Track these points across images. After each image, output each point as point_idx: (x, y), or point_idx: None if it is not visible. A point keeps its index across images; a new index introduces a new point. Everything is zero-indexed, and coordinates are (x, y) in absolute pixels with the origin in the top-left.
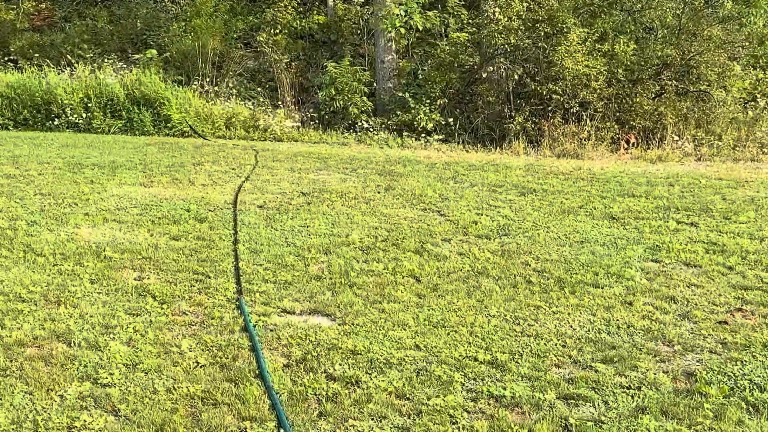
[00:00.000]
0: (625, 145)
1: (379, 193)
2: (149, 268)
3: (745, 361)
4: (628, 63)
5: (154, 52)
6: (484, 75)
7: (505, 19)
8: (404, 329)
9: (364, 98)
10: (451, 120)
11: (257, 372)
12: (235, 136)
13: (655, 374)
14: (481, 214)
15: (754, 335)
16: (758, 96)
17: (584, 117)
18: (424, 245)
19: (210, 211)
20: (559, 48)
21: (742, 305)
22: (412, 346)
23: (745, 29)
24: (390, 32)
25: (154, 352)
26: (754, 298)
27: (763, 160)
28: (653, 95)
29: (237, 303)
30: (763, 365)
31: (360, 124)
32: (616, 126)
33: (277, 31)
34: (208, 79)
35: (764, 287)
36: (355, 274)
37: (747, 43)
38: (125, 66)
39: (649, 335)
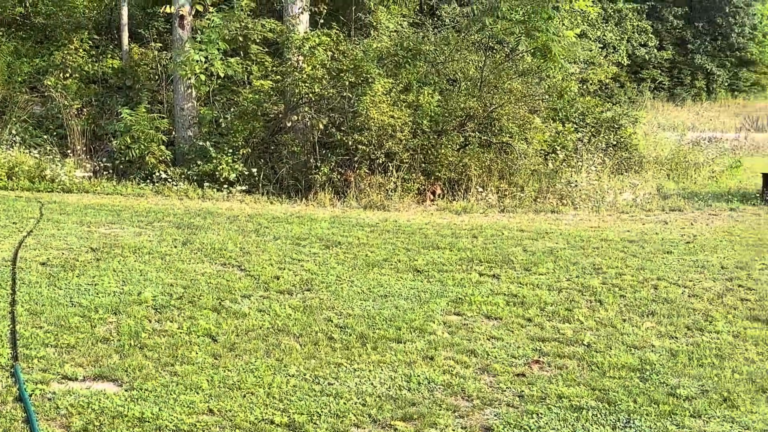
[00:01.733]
0: (431, 197)
1: (176, 247)
2: None
3: (541, 413)
4: (433, 114)
5: None
6: (289, 124)
7: (309, 68)
8: (197, 393)
9: (162, 147)
10: (254, 170)
11: None
12: (18, 188)
13: (453, 430)
14: (284, 269)
15: (550, 387)
16: (558, 148)
17: (391, 168)
18: (222, 302)
19: None
20: (364, 98)
21: (539, 357)
22: (205, 410)
23: (545, 83)
24: (189, 78)
25: None
26: (551, 350)
27: (563, 212)
28: (458, 147)
29: (12, 370)
30: (557, 417)
31: (158, 174)
32: (422, 177)
33: (67, 74)
34: None
35: (560, 338)
36: (146, 335)
37: (547, 96)
38: None
39: (450, 390)
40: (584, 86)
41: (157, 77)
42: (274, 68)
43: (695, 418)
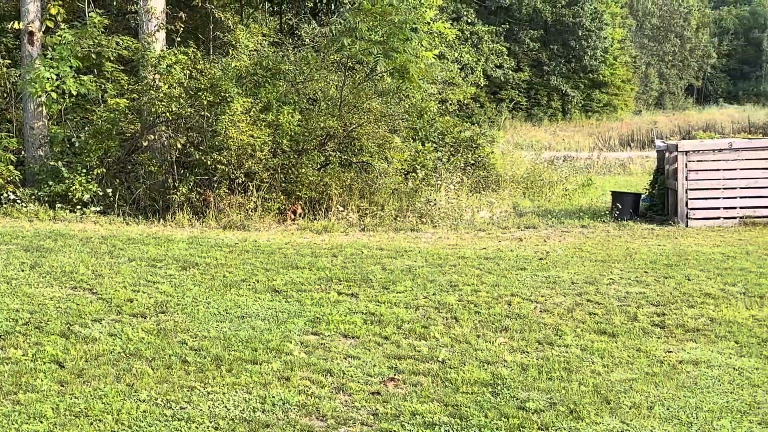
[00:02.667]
0: (292, 216)
1: (23, 271)
2: None
3: (395, 431)
4: (293, 133)
5: None
6: (146, 143)
7: (166, 86)
8: (41, 422)
9: (11, 167)
10: (110, 190)
11: None
12: None
13: None
14: (138, 291)
15: (404, 404)
16: (418, 167)
17: (251, 187)
18: (72, 327)
19: None
20: (223, 117)
21: (395, 375)
22: None
23: (405, 103)
24: (40, 96)
25: None
26: (407, 367)
27: (422, 230)
28: (318, 166)
29: None
30: None
31: (6, 195)
32: (282, 196)
33: None
34: None
35: (416, 356)
36: None
37: (407, 116)
38: None
39: (304, 410)
40: (444, 106)
41: (5, 95)
42: (130, 86)
43: (543, 431)
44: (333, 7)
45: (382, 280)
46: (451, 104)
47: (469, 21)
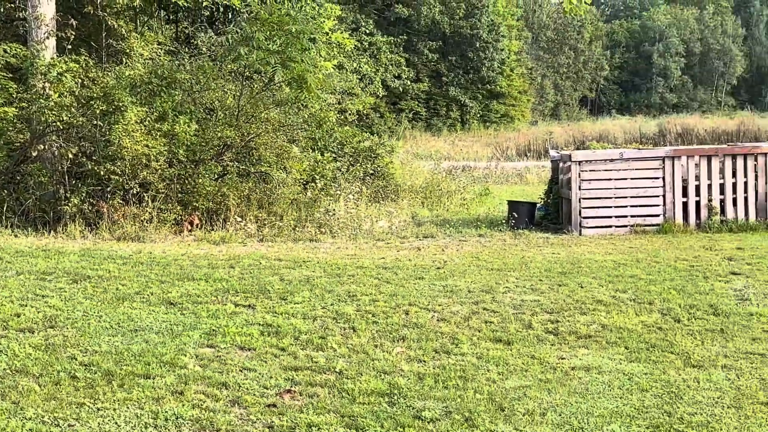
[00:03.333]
0: (189, 227)
1: None
2: None
3: None
4: (190, 143)
5: None
6: (35, 153)
7: (57, 95)
8: None
9: None
10: None
11: None
12: None
13: None
14: (26, 305)
15: (300, 416)
16: (317, 177)
17: (146, 198)
18: None
19: None
20: (117, 127)
21: (291, 386)
22: None
23: (303, 112)
24: None
25: None
26: (303, 379)
27: (321, 240)
28: (216, 176)
29: None
30: None
31: None
32: (179, 207)
33: None
34: None
35: (313, 367)
36: None
37: (306, 126)
38: None
39: (198, 425)
40: (343, 116)
41: None
42: (19, 95)
43: None
44: (230, 16)
45: (280, 290)
46: (350, 114)
47: (368, 32)
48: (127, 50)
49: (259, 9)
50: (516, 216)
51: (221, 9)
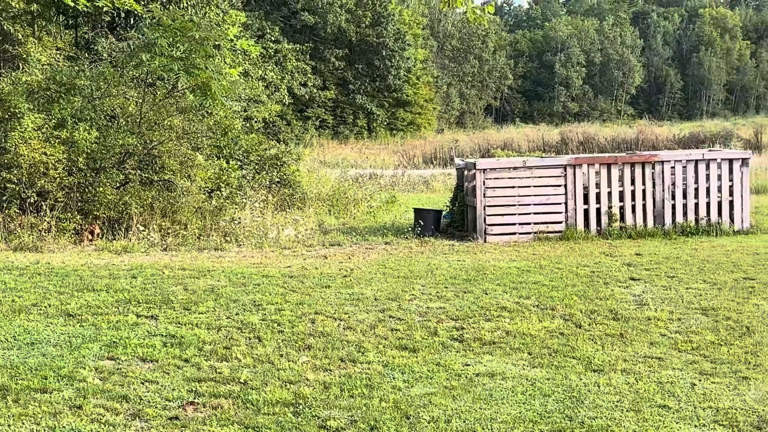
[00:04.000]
0: (90, 237)
1: None
2: None
3: None
4: (90, 151)
5: None
6: None
7: None
8: None
9: None
10: None
11: None
12: None
13: None
14: None
15: (203, 428)
16: (222, 185)
17: (44, 207)
18: None
19: None
20: (13, 134)
21: (194, 398)
22: None
23: (208, 120)
24: None
25: None
26: (207, 390)
27: (227, 249)
28: (118, 184)
29: None
30: None
31: None
32: (79, 216)
33: None
34: None
35: (217, 378)
36: None
37: (211, 134)
38: None
39: None
40: (249, 124)
41: None
42: None
43: None
44: (132, 22)
45: (184, 301)
46: (256, 122)
47: (274, 39)
48: (24, 55)
49: (161, 15)
50: (422, 223)
51: (122, 14)
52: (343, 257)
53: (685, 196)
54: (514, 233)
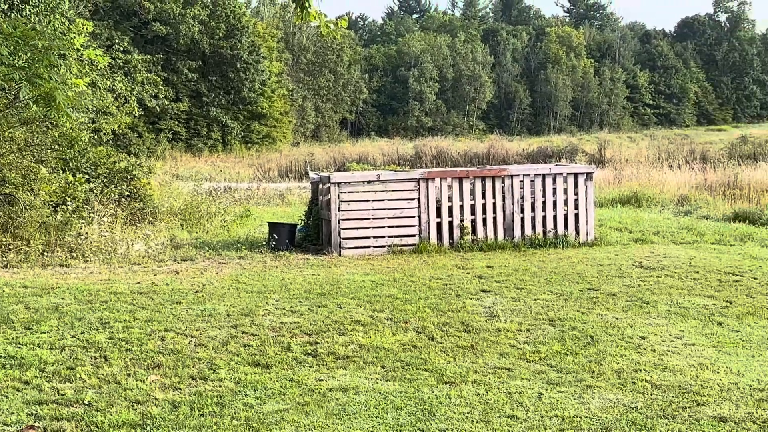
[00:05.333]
0: None
1: None
2: None
3: None
4: None
5: None
6: None
7: None
8: None
9: None
10: None
11: None
12: None
13: None
14: None
15: None
16: (69, 199)
17: None
18: None
19: None
20: None
21: (34, 422)
22: None
23: (53, 132)
24: None
25: None
26: (48, 413)
27: (73, 265)
28: None
29: None
30: None
31: None
32: None
33: None
34: None
35: (60, 399)
36: None
37: (56, 146)
38: None
39: None
40: (97, 136)
41: None
42: None
43: None
44: None
45: (25, 319)
46: (105, 134)
47: (123, 49)
48: None
49: (1, 22)
50: (277, 237)
51: None
52: (196, 272)
53: (533, 210)
54: (368, 246)
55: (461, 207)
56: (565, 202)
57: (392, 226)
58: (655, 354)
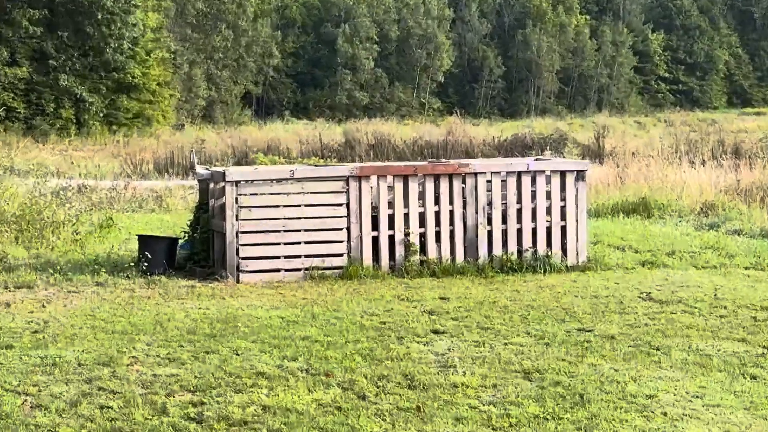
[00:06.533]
0: None
1: None
2: None
3: None
4: None
5: None
6: None
7: None
8: None
9: None
10: None
11: None
12: None
13: None
14: None
15: None
16: None
17: None
18: None
19: None
20: None
21: None
22: None
23: None
24: None
25: None
26: None
27: None
28: None
29: None
30: None
31: None
32: None
33: None
34: None
35: None
36: None
37: None
38: None
39: None
40: None
41: None
42: None
43: None
44: None
45: None
46: None
47: None
48: None
49: None
50: (150, 256)
51: None
52: (35, 305)
53: (504, 221)
54: (278, 270)
55: (406, 216)
56: (549, 211)
57: (311, 242)
58: (666, 419)
